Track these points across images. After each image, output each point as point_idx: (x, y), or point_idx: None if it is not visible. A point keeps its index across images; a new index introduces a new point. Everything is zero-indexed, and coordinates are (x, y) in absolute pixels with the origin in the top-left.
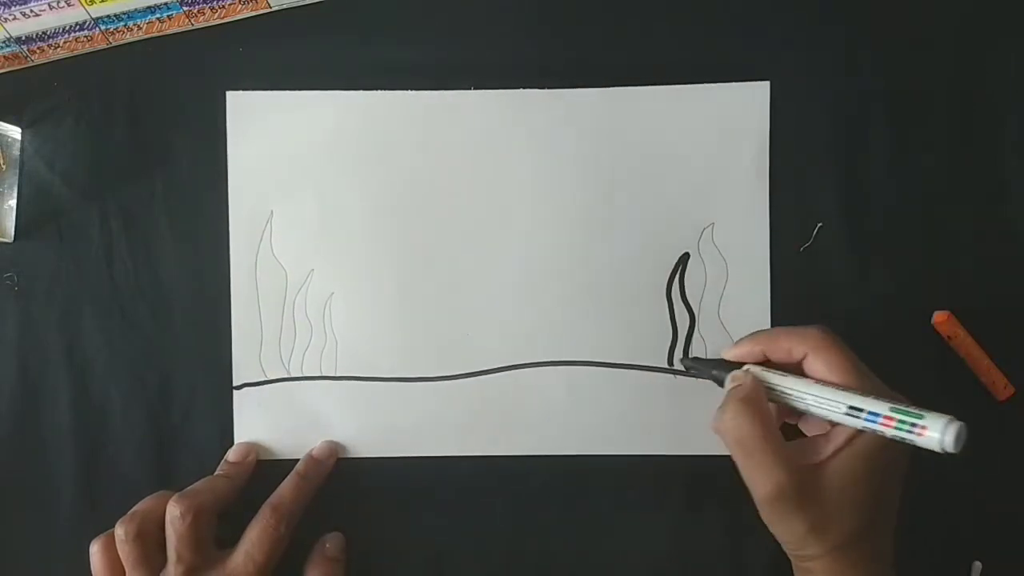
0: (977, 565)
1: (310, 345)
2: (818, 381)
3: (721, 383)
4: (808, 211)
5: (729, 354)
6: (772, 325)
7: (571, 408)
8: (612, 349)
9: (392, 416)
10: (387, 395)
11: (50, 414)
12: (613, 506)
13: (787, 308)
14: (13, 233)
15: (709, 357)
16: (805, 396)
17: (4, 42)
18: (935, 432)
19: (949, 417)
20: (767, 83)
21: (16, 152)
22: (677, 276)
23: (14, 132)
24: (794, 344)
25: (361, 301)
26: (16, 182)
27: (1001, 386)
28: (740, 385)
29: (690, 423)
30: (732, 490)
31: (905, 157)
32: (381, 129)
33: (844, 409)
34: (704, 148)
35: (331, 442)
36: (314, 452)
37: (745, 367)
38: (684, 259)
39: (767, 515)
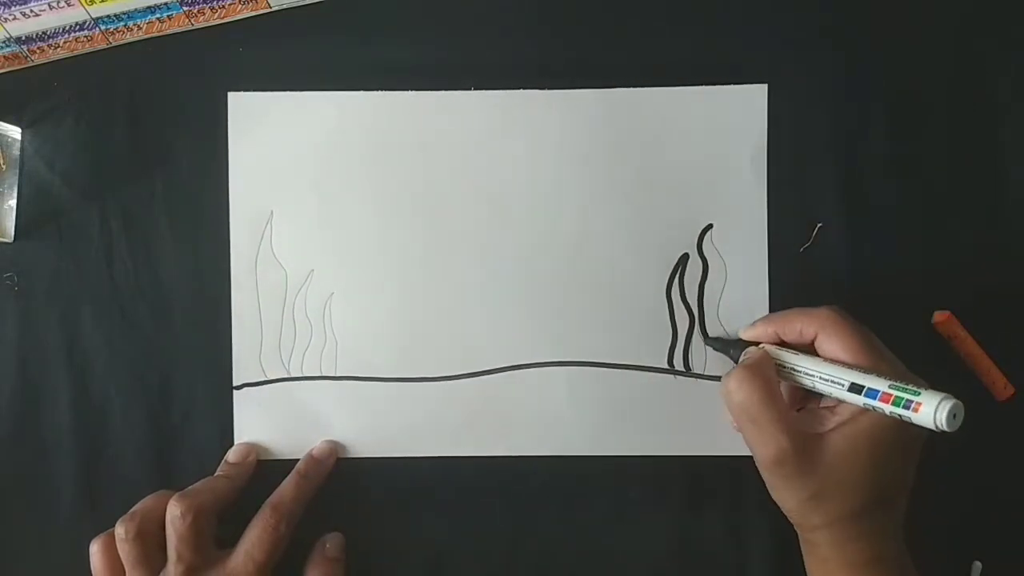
0: (977, 565)
1: (310, 345)
2: (827, 359)
3: (737, 361)
4: (808, 211)
5: (745, 335)
6: None
7: (571, 408)
8: (612, 349)
9: (392, 416)
10: (387, 395)
11: (50, 414)
12: (613, 506)
13: (787, 308)
14: (13, 233)
15: (728, 338)
16: (812, 373)
17: (4, 42)
18: (929, 408)
19: (945, 395)
20: (764, 85)
21: (16, 152)
22: (677, 276)
23: (14, 132)
24: (805, 324)
25: (361, 301)
26: (16, 182)
27: (1001, 386)
28: (748, 357)
29: (690, 423)
30: (732, 490)
31: (905, 157)
32: (381, 129)
33: (847, 385)
34: (703, 149)
35: (331, 442)
36: (314, 452)
37: (760, 345)
38: (683, 260)
39: (769, 480)
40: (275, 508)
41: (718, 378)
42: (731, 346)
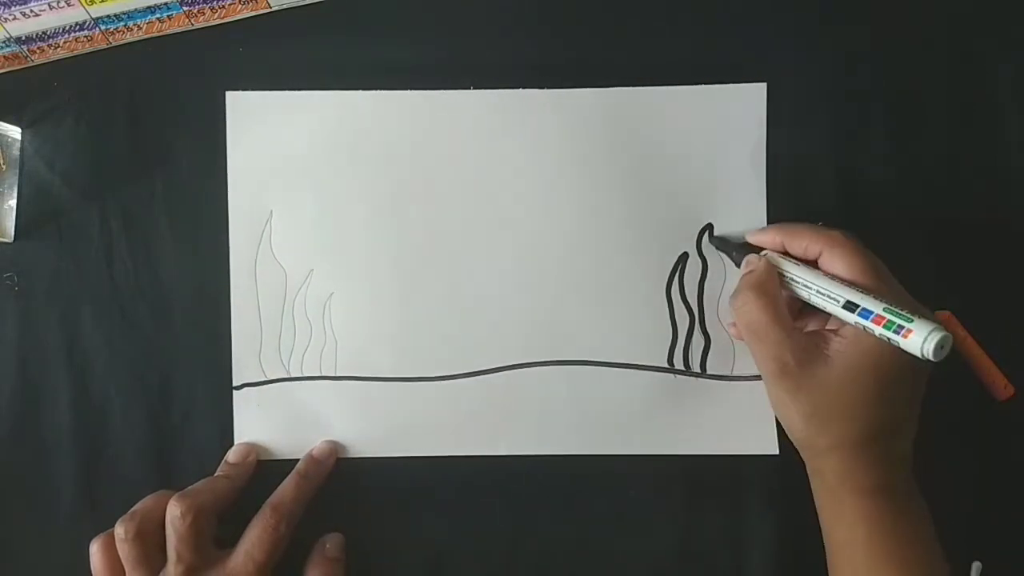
0: (977, 565)
1: (310, 345)
2: (828, 275)
3: (738, 264)
4: (808, 211)
5: (752, 238)
6: None
7: (571, 408)
8: (612, 349)
9: (392, 416)
10: (387, 395)
11: (50, 414)
12: (613, 506)
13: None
14: (13, 233)
15: (733, 239)
16: (810, 285)
17: (4, 42)
18: (918, 337)
19: (936, 325)
20: (764, 84)
21: (16, 152)
22: (676, 276)
23: (14, 132)
24: (812, 241)
25: (361, 301)
26: (16, 182)
27: (1001, 386)
28: (753, 271)
29: (690, 423)
30: (732, 490)
31: (905, 157)
32: (381, 129)
33: (842, 303)
34: (703, 148)
35: (331, 442)
36: (314, 452)
37: (763, 252)
38: (683, 259)
39: (775, 394)
40: (275, 508)
41: (718, 377)
42: (734, 248)
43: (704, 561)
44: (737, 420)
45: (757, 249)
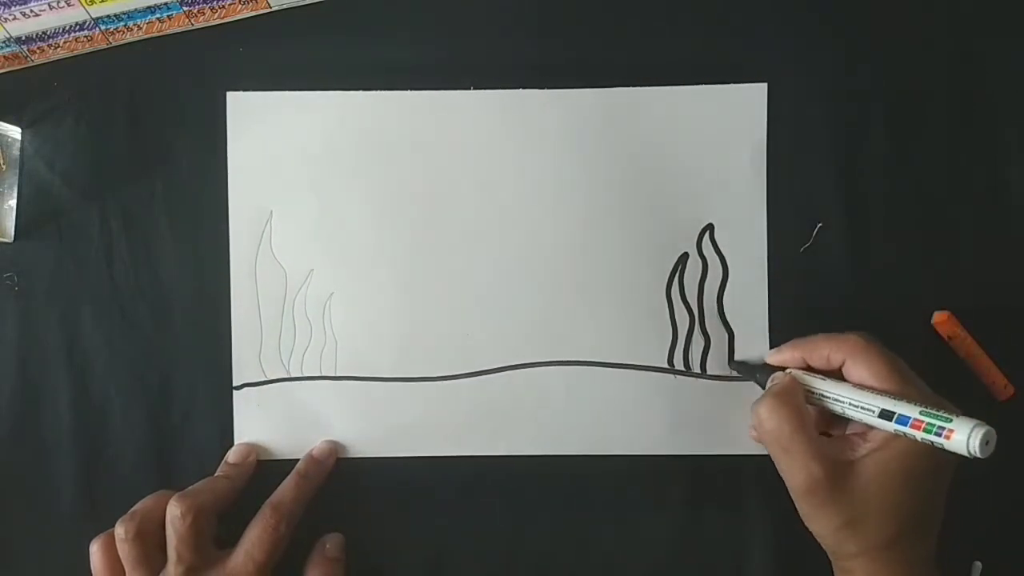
0: (977, 565)
1: (310, 345)
2: (856, 385)
3: (764, 386)
4: (808, 211)
5: (771, 359)
6: (771, 324)
7: (571, 408)
8: (612, 349)
9: (392, 416)
10: (387, 395)
11: (50, 414)
12: (613, 506)
13: (787, 308)
14: (13, 233)
15: (753, 362)
16: (841, 399)
17: (4, 42)
18: (962, 436)
19: (977, 421)
20: (764, 85)
21: (16, 152)
22: (676, 276)
23: (14, 132)
24: (832, 350)
25: (361, 301)
26: (16, 182)
27: (1001, 386)
28: (777, 383)
29: (690, 423)
30: (732, 490)
31: (905, 157)
32: (381, 129)
33: (877, 412)
34: (703, 149)
35: (331, 442)
36: (314, 452)
37: (787, 370)
38: (683, 259)
39: (803, 508)
40: (275, 508)
41: (718, 378)
42: (757, 370)
43: (704, 561)
44: (737, 420)
45: (780, 369)
